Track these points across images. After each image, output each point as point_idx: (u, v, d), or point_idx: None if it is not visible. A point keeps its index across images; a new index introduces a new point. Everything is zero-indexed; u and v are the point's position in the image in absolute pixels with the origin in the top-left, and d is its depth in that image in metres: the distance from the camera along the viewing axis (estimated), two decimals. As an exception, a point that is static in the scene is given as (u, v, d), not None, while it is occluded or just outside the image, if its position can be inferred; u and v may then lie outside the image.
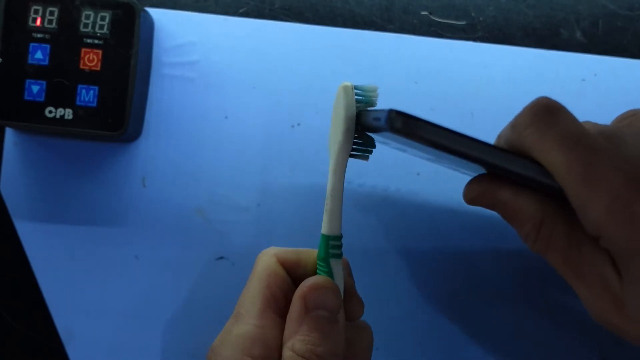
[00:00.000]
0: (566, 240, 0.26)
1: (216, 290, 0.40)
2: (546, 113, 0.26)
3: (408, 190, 0.40)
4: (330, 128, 0.30)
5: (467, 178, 0.31)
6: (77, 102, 0.37)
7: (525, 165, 0.25)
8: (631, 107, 0.30)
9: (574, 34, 0.42)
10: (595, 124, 0.29)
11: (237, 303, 0.29)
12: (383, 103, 0.41)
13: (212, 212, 0.40)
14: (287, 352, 0.27)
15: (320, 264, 0.29)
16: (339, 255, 0.29)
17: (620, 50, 0.41)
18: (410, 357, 0.40)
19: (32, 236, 0.40)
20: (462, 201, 0.40)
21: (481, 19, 0.42)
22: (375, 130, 0.26)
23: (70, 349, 0.40)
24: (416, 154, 0.32)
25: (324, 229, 0.29)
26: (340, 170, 0.28)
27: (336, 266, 0.28)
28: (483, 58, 0.41)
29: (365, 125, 0.28)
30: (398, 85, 0.41)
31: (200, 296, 0.40)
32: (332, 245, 0.29)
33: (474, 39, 0.42)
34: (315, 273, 0.29)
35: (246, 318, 0.28)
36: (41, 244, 0.40)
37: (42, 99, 0.37)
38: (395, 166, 0.40)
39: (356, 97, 0.28)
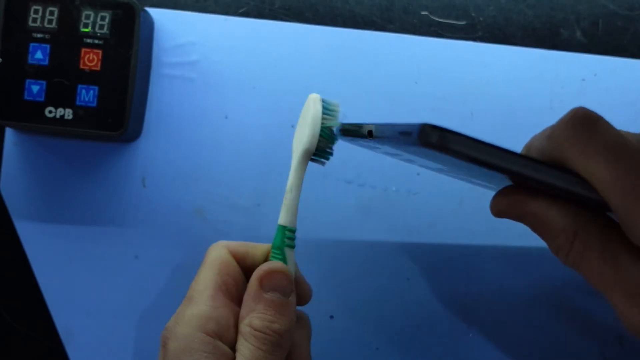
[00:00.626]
0: (601, 253, 0.25)
1: (216, 290, 0.40)
2: (586, 124, 0.25)
3: (408, 190, 0.40)
4: (296, 131, 0.33)
5: (478, 188, 0.31)
6: (77, 102, 0.37)
7: (567, 179, 0.25)
8: (631, 107, 0.30)
9: (574, 34, 0.42)
10: (632, 133, 0.28)
11: (189, 288, 0.31)
12: (383, 103, 0.41)
13: (212, 212, 0.40)
14: (244, 328, 0.29)
15: (275, 251, 0.31)
16: (292, 246, 0.32)
17: (620, 50, 0.41)
18: (410, 357, 0.40)
19: (32, 236, 0.40)
20: (462, 201, 0.40)
21: (481, 19, 0.42)
22: (395, 141, 0.26)
23: (70, 349, 0.40)
24: (426, 164, 0.31)
25: (281, 220, 0.31)
26: (301, 170, 0.32)
27: (289, 255, 0.31)
28: (483, 58, 0.41)
29: (328, 136, 0.31)
30: (398, 85, 0.41)
31: (200, 296, 0.40)
32: (287, 235, 0.31)
33: (474, 39, 0.42)
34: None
35: (199, 300, 0.30)
36: (41, 244, 0.40)
37: (42, 99, 0.37)
38: (395, 166, 0.40)
39: (323, 109, 0.31)
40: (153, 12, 0.41)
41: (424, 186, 0.40)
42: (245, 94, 0.41)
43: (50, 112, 0.37)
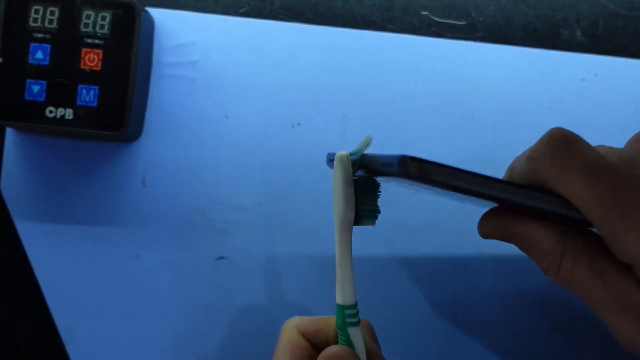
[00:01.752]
0: (589, 270, 0.25)
1: (216, 290, 0.40)
2: (564, 144, 0.25)
3: (408, 191, 0.40)
4: (332, 196, 0.29)
5: (475, 207, 0.31)
6: (78, 102, 0.37)
7: (548, 200, 0.25)
8: (631, 107, 0.30)
9: (574, 34, 0.42)
10: (610, 148, 0.28)
11: None
12: (383, 103, 0.41)
13: (212, 212, 0.40)
14: None
15: (340, 332, 0.29)
16: (356, 323, 0.29)
17: (620, 50, 0.41)
18: (410, 357, 0.40)
19: (32, 236, 0.40)
20: (462, 203, 0.40)
21: (481, 19, 0.42)
22: (386, 174, 0.26)
23: (70, 349, 0.40)
24: (430, 191, 0.32)
25: (338, 299, 0.29)
26: (345, 241, 0.28)
27: (354, 333, 0.29)
28: (483, 58, 0.41)
29: (368, 188, 0.28)
30: (398, 85, 0.41)
31: (200, 296, 0.40)
32: (348, 314, 0.29)
33: (474, 39, 0.42)
34: (336, 339, 0.30)
35: None
36: (41, 244, 0.40)
37: (42, 98, 0.37)
38: (395, 166, 0.40)
39: (353, 160, 0.28)
40: (153, 12, 0.41)
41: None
42: (245, 94, 0.41)
43: (50, 112, 0.37)
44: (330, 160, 0.29)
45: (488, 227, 0.28)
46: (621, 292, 0.25)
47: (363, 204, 0.28)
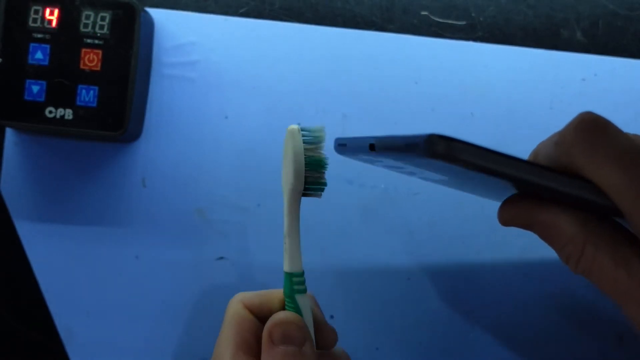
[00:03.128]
0: (612, 259, 0.24)
1: (216, 290, 0.40)
2: (595, 129, 0.24)
3: (408, 190, 0.40)
4: (282, 168, 0.30)
5: (478, 199, 0.30)
6: (77, 102, 0.37)
7: (577, 185, 0.24)
8: (631, 107, 0.30)
9: (574, 34, 0.42)
10: (637, 135, 0.28)
11: (213, 352, 0.30)
12: (383, 103, 0.41)
13: (212, 212, 0.40)
14: None
15: (287, 300, 0.30)
16: (304, 290, 0.30)
17: (620, 50, 0.41)
18: (410, 357, 0.40)
19: (32, 236, 0.40)
20: (462, 202, 0.40)
21: (481, 19, 0.42)
22: (407, 154, 0.26)
23: (70, 349, 0.40)
24: (429, 176, 0.31)
25: (286, 267, 0.30)
26: (295, 211, 0.29)
27: (302, 301, 0.30)
28: (483, 58, 0.41)
29: (317, 161, 0.29)
30: (398, 85, 0.41)
31: (200, 296, 0.40)
32: (296, 281, 0.30)
33: (474, 39, 0.42)
34: (281, 310, 0.31)
35: None
36: (41, 244, 0.40)
37: (42, 99, 0.37)
38: (395, 166, 0.40)
39: (304, 138, 0.29)
40: (153, 12, 0.41)
41: (424, 186, 0.40)
42: (245, 94, 0.41)
43: (50, 112, 0.37)
44: (338, 145, 0.30)
45: (510, 214, 0.27)
46: None
47: (311, 176, 0.29)
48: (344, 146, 0.29)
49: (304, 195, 0.30)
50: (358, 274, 0.40)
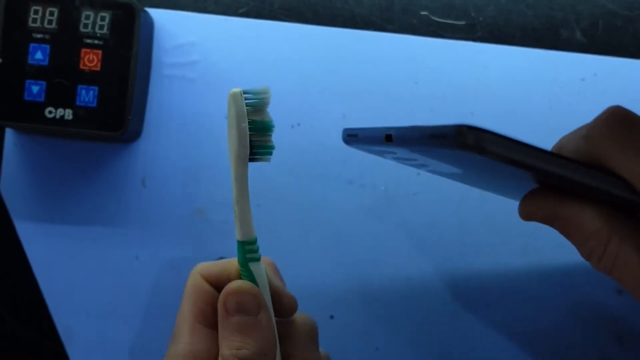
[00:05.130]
0: (638, 256, 0.24)
1: (216, 290, 0.40)
2: (625, 123, 0.24)
3: (408, 190, 0.40)
4: (227, 135, 0.29)
5: (488, 194, 0.29)
6: (77, 103, 0.37)
7: (606, 180, 0.24)
8: (631, 107, 0.30)
9: (573, 34, 0.42)
10: None
11: (174, 326, 0.30)
12: (383, 103, 0.41)
13: (212, 212, 0.40)
14: None
15: (242, 269, 0.29)
16: (257, 258, 0.29)
17: (620, 50, 0.41)
18: (410, 357, 0.40)
19: (32, 236, 0.40)
20: (461, 201, 0.40)
21: (481, 19, 0.42)
22: (432, 146, 0.25)
23: (70, 349, 0.40)
24: (442, 169, 0.30)
25: (238, 236, 0.29)
26: (243, 177, 0.29)
27: (256, 269, 0.29)
28: (483, 58, 0.41)
29: (262, 125, 0.28)
30: (398, 85, 0.41)
31: (200, 296, 0.40)
32: (248, 249, 0.29)
33: (474, 39, 0.42)
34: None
35: (179, 337, 0.29)
36: (41, 244, 0.40)
37: (42, 99, 0.37)
38: (395, 166, 0.40)
39: (247, 101, 0.28)
40: (153, 12, 0.41)
41: (424, 186, 0.40)
42: (245, 94, 0.41)
43: (50, 112, 0.37)
44: (348, 135, 0.29)
45: (532, 207, 0.27)
46: None
47: (257, 140, 0.28)
48: (354, 137, 0.29)
49: (251, 160, 0.29)
50: (358, 274, 0.40)
